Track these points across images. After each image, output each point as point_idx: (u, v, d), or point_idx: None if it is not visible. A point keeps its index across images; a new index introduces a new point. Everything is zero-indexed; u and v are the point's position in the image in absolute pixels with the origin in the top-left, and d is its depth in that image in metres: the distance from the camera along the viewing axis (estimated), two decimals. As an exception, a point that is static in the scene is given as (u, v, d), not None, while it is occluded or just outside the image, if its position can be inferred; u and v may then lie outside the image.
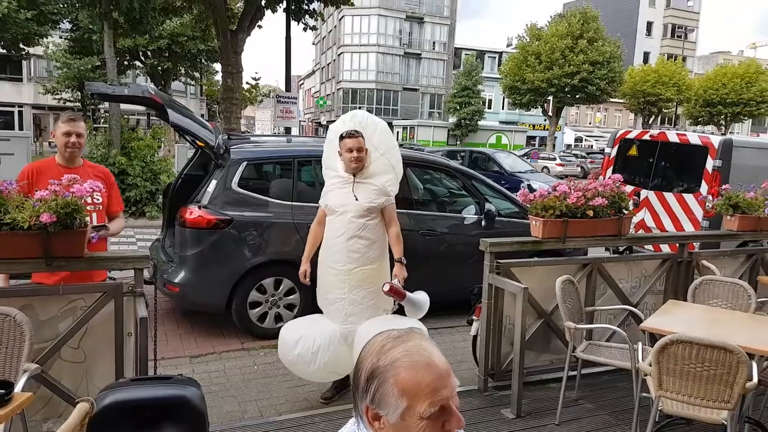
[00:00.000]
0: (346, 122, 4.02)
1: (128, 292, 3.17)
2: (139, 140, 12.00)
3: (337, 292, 3.87)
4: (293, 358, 3.84)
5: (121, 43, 21.02)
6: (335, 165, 3.98)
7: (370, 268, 3.87)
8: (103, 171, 3.80)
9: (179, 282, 5.19)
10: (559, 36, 36.74)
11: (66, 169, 3.50)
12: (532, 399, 4.15)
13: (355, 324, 3.87)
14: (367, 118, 4.06)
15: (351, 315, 3.86)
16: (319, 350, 3.78)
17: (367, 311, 3.91)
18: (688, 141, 7.80)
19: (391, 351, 1.24)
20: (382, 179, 3.95)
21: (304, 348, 3.79)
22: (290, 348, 3.84)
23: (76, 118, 3.58)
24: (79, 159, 3.65)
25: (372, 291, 3.90)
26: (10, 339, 2.71)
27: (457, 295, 5.15)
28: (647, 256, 5.00)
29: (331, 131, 4.08)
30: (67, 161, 3.57)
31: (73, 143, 3.53)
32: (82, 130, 3.58)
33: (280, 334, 3.99)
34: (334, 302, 3.89)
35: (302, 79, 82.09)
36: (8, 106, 37.70)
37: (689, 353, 2.87)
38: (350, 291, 3.85)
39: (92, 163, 3.84)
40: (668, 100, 43.40)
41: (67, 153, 3.55)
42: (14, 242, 2.81)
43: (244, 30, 12.55)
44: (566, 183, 4.40)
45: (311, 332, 3.85)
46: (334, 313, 3.90)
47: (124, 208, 4.17)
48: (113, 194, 3.77)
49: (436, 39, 53.15)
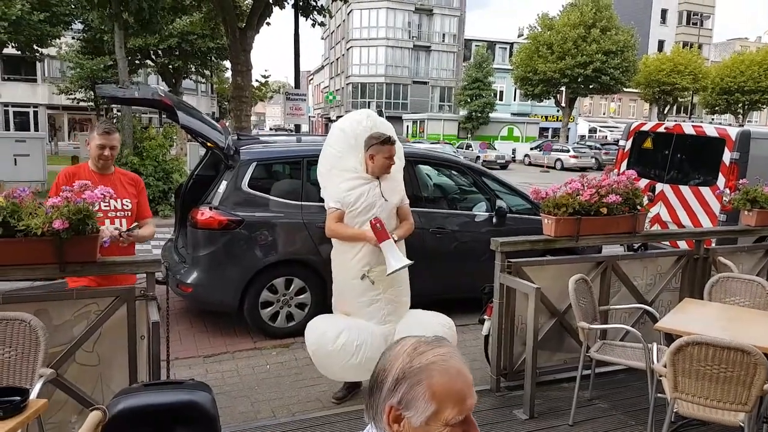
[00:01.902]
0: (360, 122, 3.96)
1: (140, 296, 3.18)
2: (151, 140, 12.07)
3: (372, 293, 3.86)
4: (334, 349, 3.73)
5: (131, 42, 21.16)
6: (351, 165, 3.88)
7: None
8: (134, 178, 3.84)
9: (192, 282, 5.22)
10: (571, 25, 36.44)
11: (98, 176, 3.57)
12: (546, 399, 4.12)
13: (394, 323, 3.91)
14: (378, 119, 4.07)
15: (389, 314, 3.89)
16: (364, 344, 3.73)
17: (401, 308, 4.00)
18: (705, 133, 7.68)
19: (425, 354, 1.25)
20: (398, 177, 4.05)
21: (348, 339, 3.72)
22: (331, 339, 3.75)
23: (110, 130, 3.61)
24: (112, 167, 3.71)
25: (401, 289, 3.99)
26: (25, 344, 2.74)
27: (468, 293, 5.14)
28: (662, 253, 4.93)
29: (341, 130, 4.00)
30: (99, 169, 3.62)
31: (106, 156, 3.57)
32: (116, 143, 3.62)
33: (315, 327, 3.90)
34: (370, 303, 3.87)
35: (311, 74, 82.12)
36: (24, 107, 38.08)
37: (705, 355, 2.83)
38: (385, 291, 3.87)
39: (123, 170, 3.88)
40: (684, 89, 42.92)
41: (99, 163, 3.60)
42: (28, 248, 2.83)
43: (253, 27, 12.56)
44: (579, 180, 4.35)
45: (353, 326, 3.81)
46: (370, 314, 3.87)
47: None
48: (142, 200, 3.79)
49: (445, 31, 52.87)
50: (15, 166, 13.40)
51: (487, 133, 42.56)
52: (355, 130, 3.91)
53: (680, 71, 42.02)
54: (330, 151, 3.99)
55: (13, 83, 37.46)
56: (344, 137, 3.95)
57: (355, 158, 3.89)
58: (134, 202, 3.69)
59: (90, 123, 37.46)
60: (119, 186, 3.64)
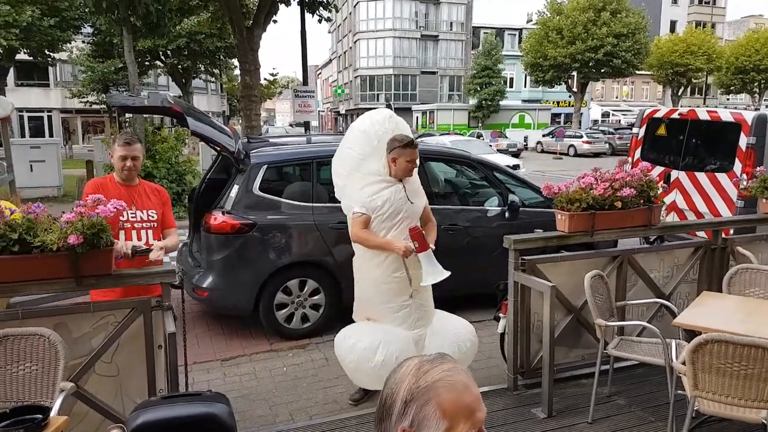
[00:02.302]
0: (383, 123, 3.90)
1: (156, 306, 3.21)
2: (164, 142, 12.13)
3: (401, 298, 3.85)
4: (376, 365, 3.70)
5: (141, 44, 21.24)
6: (375, 168, 3.82)
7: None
8: (159, 189, 3.83)
9: (207, 287, 5.25)
10: (580, 9, 36.01)
11: (124, 188, 3.60)
12: (564, 396, 4.10)
13: (424, 327, 3.92)
14: (398, 119, 4.04)
15: (419, 319, 3.90)
16: (402, 355, 3.66)
17: (429, 313, 4.01)
18: (720, 118, 7.55)
19: (429, 373, 1.25)
20: (417, 178, 4.04)
21: (388, 354, 3.70)
22: (369, 355, 3.73)
23: (131, 141, 3.59)
24: (136, 178, 3.70)
25: (429, 292, 4.00)
26: (46, 359, 2.77)
27: (483, 288, 5.12)
28: (679, 245, 4.88)
29: (365, 133, 3.90)
30: (124, 180, 3.63)
31: (129, 167, 3.57)
32: (138, 153, 3.60)
33: (348, 344, 3.85)
34: (400, 309, 3.85)
35: (320, 68, 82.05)
36: (38, 112, 38.46)
37: (725, 352, 2.80)
38: (414, 296, 3.87)
39: (148, 182, 3.89)
40: (698, 70, 42.27)
41: (123, 174, 3.60)
42: (44, 264, 2.85)
43: (260, 26, 12.54)
44: (592, 174, 4.30)
45: (389, 338, 3.78)
46: (399, 320, 3.86)
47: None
48: (167, 211, 3.79)
49: (453, 19, 52.52)
50: (31, 173, 13.54)
51: (498, 122, 42.31)
52: (377, 132, 3.84)
53: (693, 52, 41.39)
54: (350, 153, 3.91)
55: (27, 88, 37.82)
56: (366, 139, 3.87)
57: (378, 161, 3.82)
58: (159, 212, 3.70)
59: (103, 125, 37.83)
60: (144, 197, 3.67)
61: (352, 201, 3.86)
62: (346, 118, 61.05)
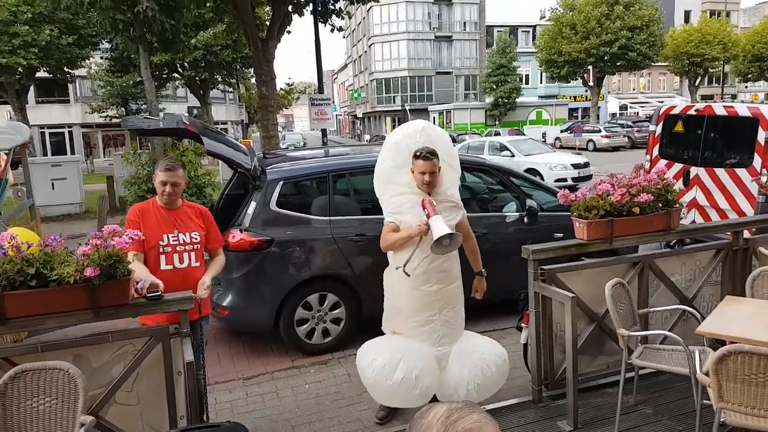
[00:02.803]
0: (410, 135, 3.90)
1: (175, 333, 3.23)
2: (183, 156, 12.24)
3: (427, 313, 3.80)
4: (394, 383, 3.65)
5: (158, 57, 21.52)
6: (405, 180, 3.83)
7: (455, 287, 3.89)
8: (202, 210, 3.83)
9: (228, 305, 5.28)
10: (593, 4, 35.74)
11: (165, 211, 3.62)
12: (589, 407, 4.04)
13: (448, 345, 3.85)
14: (434, 131, 4.00)
15: (444, 336, 3.83)
16: (422, 374, 3.66)
17: (456, 331, 3.94)
18: (737, 113, 7.42)
19: (459, 422, 1.22)
20: (453, 191, 4.00)
21: (408, 372, 3.64)
22: (389, 372, 3.66)
23: (173, 167, 3.59)
24: (179, 201, 3.70)
25: (456, 310, 3.93)
26: (65, 392, 2.79)
27: (505, 295, 5.07)
28: (700, 248, 4.78)
29: (395, 145, 3.94)
30: (165, 204, 3.64)
31: (169, 192, 3.57)
32: (179, 179, 3.59)
33: (368, 359, 3.80)
34: (425, 324, 3.81)
35: (336, 73, 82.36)
36: (59, 128, 39.12)
37: (749, 364, 2.73)
38: (440, 311, 3.81)
39: (191, 203, 3.88)
40: (714, 59, 41.66)
41: (164, 199, 3.61)
42: (62, 297, 2.89)
43: (274, 37, 12.63)
44: (608, 180, 4.24)
45: (410, 355, 3.73)
46: (423, 335, 3.81)
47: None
48: (212, 231, 3.81)
49: (466, 19, 52.39)
50: (53, 190, 13.76)
51: (515, 119, 42.08)
52: (408, 144, 3.86)
53: (709, 41, 40.78)
54: (384, 166, 3.97)
55: (47, 105, 38.51)
56: (397, 151, 3.92)
57: (408, 173, 3.84)
58: (203, 234, 3.70)
59: (123, 138, 38.35)
60: (187, 219, 3.67)
61: (385, 211, 3.91)
62: (363, 121, 61.17)
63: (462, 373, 3.74)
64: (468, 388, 3.74)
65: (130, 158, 12.34)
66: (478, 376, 3.75)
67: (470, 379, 3.73)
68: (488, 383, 3.84)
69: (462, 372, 3.75)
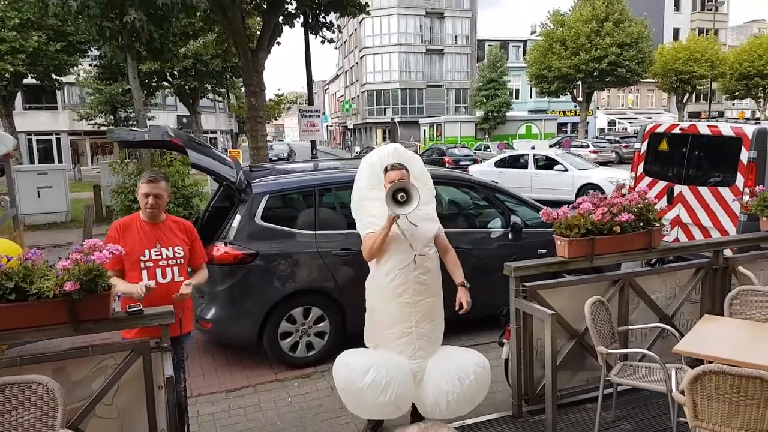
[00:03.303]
0: (384, 156, 4.02)
1: (155, 347, 3.23)
2: (170, 166, 12.21)
3: (403, 325, 3.80)
4: (363, 386, 3.63)
5: (147, 66, 21.49)
6: (380, 195, 3.86)
7: (433, 300, 3.89)
8: (186, 225, 3.79)
9: (211, 318, 5.27)
10: (583, 20, 36.15)
11: (149, 226, 3.58)
12: (568, 423, 4.08)
13: (424, 359, 3.83)
14: (405, 152, 4.11)
15: (420, 349, 3.82)
16: (392, 381, 3.64)
17: (433, 345, 3.92)
18: (720, 132, 7.54)
19: None
20: (429, 208, 4.04)
21: (378, 376, 3.62)
22: (359, 375, 3.65)
23: (155, 179, 3.56)
24: (162, 215, 3.66)
25: (435, 324, 3.92)
26: (44, 406, 2.79)
27: (488, 310, 5.10)
28: (680, 266, 4.85)
29: (370, 164, 4.05)
30: (149, 218, 3.60)
31: (151, 204, 3.54)
32: (162, 191, 3.56)
33: (344, 364, 3.81)
34: (401, 336, 3.80)
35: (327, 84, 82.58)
36: (47, 135, 38.92)
37: (723, 383, 2.78)
38: (417, 324, 3.80)
39: (175, 218, 3.83)
40: (702, 77, 42.21)
41: (147, 213, 3.58)
42: (42, 311, 2.88)
43: (264, 48, 12.67)
44: (590, 199, 4.30)
45: (383, 361, 3.72)
46: (399, 347, 3.81)
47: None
48: (196, 247, 3.78)
49: (457, 33, 52.84)
50: (39, 199, 13.67)
51: (504, 133, 42.28)
52: (383, 164, 3.96)
53: (697, 59, 41.37)
54: (360, 185, 4.06)
55: (35, 112, 38.31)
56: (373, 170, 4.02)
57: (382, 190, 3.88)
58: (186, 249, 3.67)
59: (112, 146, 38.17)
60: (170, 234, 3.64)
61: (363, 227, 3.93)
62: (354, 132, 61.29)
63: (440, 385, 3.73)
64: (448, 399, 3.72)
65: (117, 167, 12.30)
66: (456, 386, 3.72)
67: (449, 390, 3.72)
68: (468, 392, 3.78)
69: (439, 383, 3.73)
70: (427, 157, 30.70)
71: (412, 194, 3.62)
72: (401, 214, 3.62)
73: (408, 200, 3.62)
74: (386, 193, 3.64)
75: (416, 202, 3.61)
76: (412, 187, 3.65)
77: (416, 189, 3.66)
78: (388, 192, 3.63)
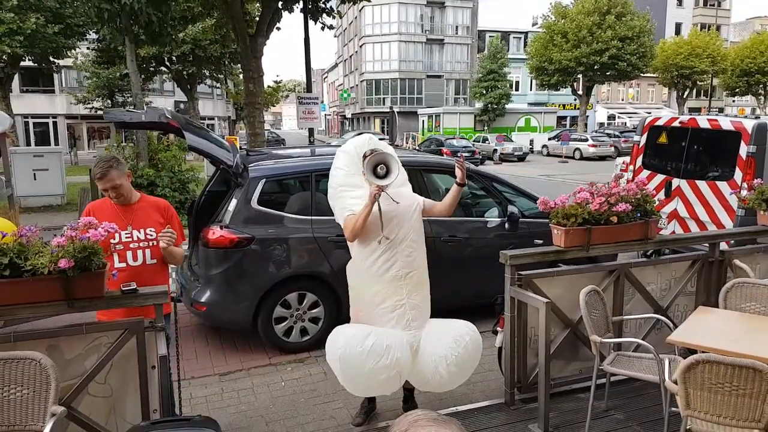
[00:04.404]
0: (360, 145, 4.03)
1: (149, 327, 3.22)
2: (167, 150, 12.19)
3: (395, 298, 3.80)
4: (364, 349, 3.59)
5: (145, 50, 21.37)
6: (358, 181, 3.91)
7: (420, 272, 3.91)
8: (161, 204, 3.69)
9: (206, 301, 5.27)
10: (585, 13, 36.05)
11: (120, 208, 3.51)
12: (561, 411, 4.09)
13: (419, 330, 3.84)
14: (378, 142, 4.12)
15: (414, 320, 3.83)
16: (392, 346, 3.63)
17: (425, 315, 3.94)
18: (720, 126, 7.53)
19: (420, 421, 1.25)
20: (405, 188, 4.07)
21: (378, 340, 3.62)
22: (359, 340, 3.63)
23: (103, 174, 3.41)
24: (133, 196, 3.57)
25: (424, 295, 3.94)
26: (37, 382, 2.78)
27: (482, 300, 5.12)
28: (676, 258, 4.85)
29: (346, 153, 4.08)
30: (118, 203, 3.54)
31: (114, 196, 3.48)
32: (115, 181, 3.43)
33: (340, 332, 3.80)
34: (394, 309, 3.80)
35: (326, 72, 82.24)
36: (43, 118, 38.70)
37: (716, 373, 2.78)
38: (408, 296, 3.82)
39: (151, 198, 3.74)
40: (703, 72, 42.20)
41: (114, 200, 3.52)
42: (36, 287, 2.87)
43: (263, 34, 12.61)
44: (588, 188, 4.29)
45: (380, 330, 3.73)
46: (393, 320, 3.80)
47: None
48: (172, 226, 3.61)
49: (458, 23, 52.54)
50: (34, 181, 13.60)
51: (503, 125, 42.25)
52: (359, 152, 3.96)
53: (698, 54, 41.32)
54: (337, 173, 4.05)
55: (32, 95, 38.07)
56: (350, 158, 4.02)
57: (360, 176, 3.89)
58: (160, 229, 3.55)
59: (108, 131, 38.04)
60: (143, 215, 3.56)
61: (343, 211, 3.91)
62: (352, 121, 61.13)
63: (437, 349, 3.74)
64: (447, 362, 3.72)
65: (114, 151, 12.27)
66: (454, 348, 3.73)
67: (447, 353, 3.73)
68: (465, 354, 3.79)
69: (437, 348, 3.75)
70: (425, 147, 30.73)
71: (391, 166, 3.67)
72: (382, 185, 3.64)
73: (388, 172, 3.66)
74: (365, 165, 3.65)
75: (396, 173, 3.66)
76: (390, 159, 3.69)
77: (395, 160, 3.69)
78: (367, 164, 3.64)
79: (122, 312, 3.37)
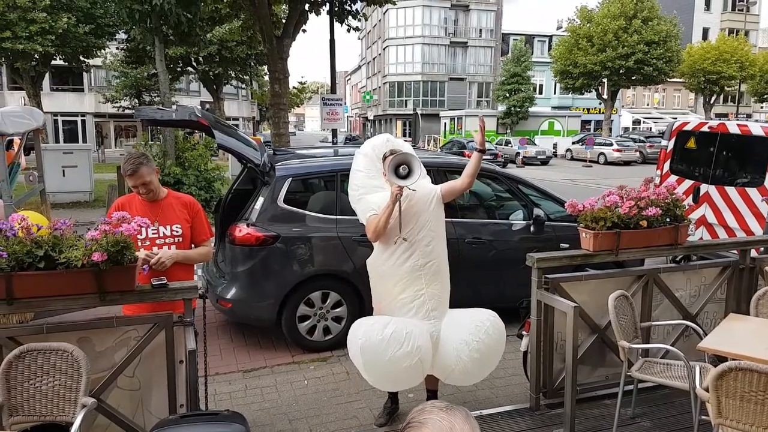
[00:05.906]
0: (378, 146, 4.04)
1: (178, 321, 3.25)
2: (193, 149, 12.32)
3: (414, 288, 3.79)
4: (384, 337, 3.56)
5: (173, 51, 21.64)
6: (378, 183, 3.94)
7: (440, 261, 3.88)
8: (188, 201, 3.71)
9: (231, 298, 5.31)
10: (611, 17, 35.66)
11: (148, 204, 3.54)
12: (586, 417, 4.04)
13: (438, 319, 3.82)
14: (396, 141, 4.13)
15: (433, 309, 3.81)
16: (412, 334, 3.61)
17: (444, 306, 3.92)
18: (750, 132, 7.40)
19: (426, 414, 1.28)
20: (425, 180, 4.01)
21: (398, 328, 3.61)
22: (379, 329, 3.62)
23: (133, 171, 3.43)
24: (161, 192, 3.61)
25: (444, 284, 3.92)
26: (69, 373, 2.82)
27: (507, 302, 5.08)
28: (706, 264, 4.77)
29: (365, 155, 4.08)
30: (146, 199, 3.57)
31: (143, 192, 3.51)
32: (145, 178, 3.46)
33: (360, 323, 3.79)
34: (414, 299, 3.79)
35: (349, 74, 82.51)
36: (72, 116, 39.41)
37: (749, 381, 2.73)
38: (427, 286, 3.81)
39: (177, 194, 3.77)
40: (730, 78, 41.48)
41: (142, 196, 3.56)
42: (69, 280, 2.92)
43: (290, 35, 12.70)
44: (617, 192, 4.24)
45: (400, 320, 3.72)
46: (414, 310, 3.79)
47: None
48: (197, 222, 3.67)
49: (482, 26, 52.41)
50: (63, 177, 13.84)
51: (527, 128, 41.98)
52: (377, 153, 3.98)
53: (726, 59, 40.62)
54: (357, 175, 4.06)
55: (62, 93, 38.82)
56: (368, 160, 4.04)
57: (381, 178, 3.94)
58: (186, 226, 3.61)
59: (135, 129, 38.59)
60: (170, 212, 3.59)
61: (365, 211, 3.91)
62: (374, 123, 61.24)
63: (459, 335, 3.73)
64: (469, 348, 3.70)
65: (141, 149, 12.44)
66: (474, 334, 3.71)
67: (467, 338, 3.72)
68: (488, 340, 3.76)
69: (459, 334, 3.73)
70: (447, 150, 30.64)
71: (413, 166, 3.65)
72: (405, 185, 3.63)
73: (410, 172, 3.64)
74: (387, 166, 3.65)
75: (418, 173, 3.62)
76: (413, 159, 3.67)
77: (417, 160, 3.67)
78: (389, 164, 3.64)
79: (147, 307, 3.41)
